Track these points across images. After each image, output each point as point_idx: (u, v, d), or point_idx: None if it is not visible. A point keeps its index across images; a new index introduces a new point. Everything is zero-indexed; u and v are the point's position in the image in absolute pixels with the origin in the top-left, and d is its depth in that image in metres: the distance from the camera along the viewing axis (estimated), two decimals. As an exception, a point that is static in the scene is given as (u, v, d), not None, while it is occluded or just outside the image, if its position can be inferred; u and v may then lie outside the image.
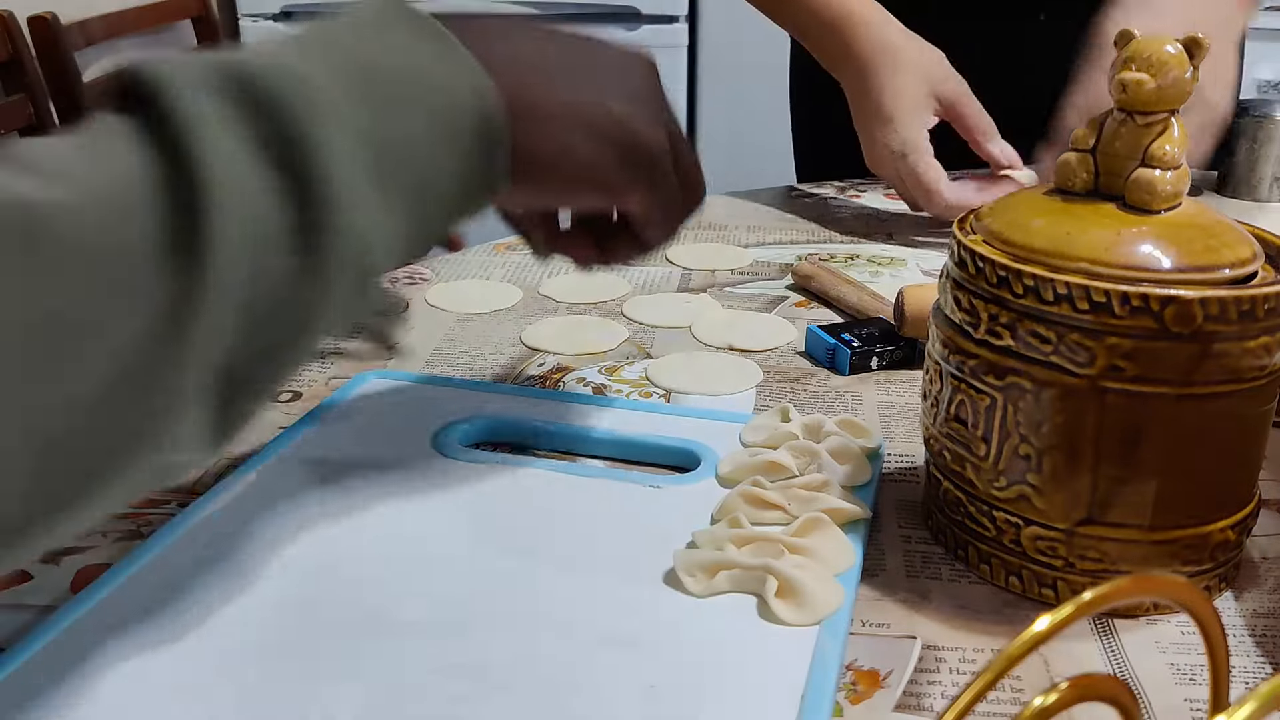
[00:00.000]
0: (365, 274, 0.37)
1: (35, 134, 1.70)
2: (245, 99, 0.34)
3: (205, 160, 0.32)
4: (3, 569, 0.30)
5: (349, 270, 0.36)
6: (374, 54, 0.38)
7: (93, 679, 0.38)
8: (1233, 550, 0.45)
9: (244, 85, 0.34)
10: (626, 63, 0.47)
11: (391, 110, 0.37)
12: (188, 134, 0.32)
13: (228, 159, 0.32)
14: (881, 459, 0.53)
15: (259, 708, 0.37)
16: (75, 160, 0.31)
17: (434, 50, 0.39)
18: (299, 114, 0.34)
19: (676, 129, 0.48)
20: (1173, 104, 0.42)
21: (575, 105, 0.43)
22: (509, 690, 0.38)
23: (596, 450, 0.55)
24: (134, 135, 0.32)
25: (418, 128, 0.38)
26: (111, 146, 0.32)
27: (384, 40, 0.39)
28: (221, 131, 0.33)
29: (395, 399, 0.58)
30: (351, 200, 0.35)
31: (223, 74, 0.34)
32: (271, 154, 0.34)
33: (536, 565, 0.45)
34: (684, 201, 0.50)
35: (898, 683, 0.40)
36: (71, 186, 0.30)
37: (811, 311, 0.74)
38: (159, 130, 0.32)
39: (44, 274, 0.29)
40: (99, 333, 0.30)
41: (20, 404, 0.29)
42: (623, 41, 0.47)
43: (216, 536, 0.46)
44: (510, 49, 0.42)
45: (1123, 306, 0.39)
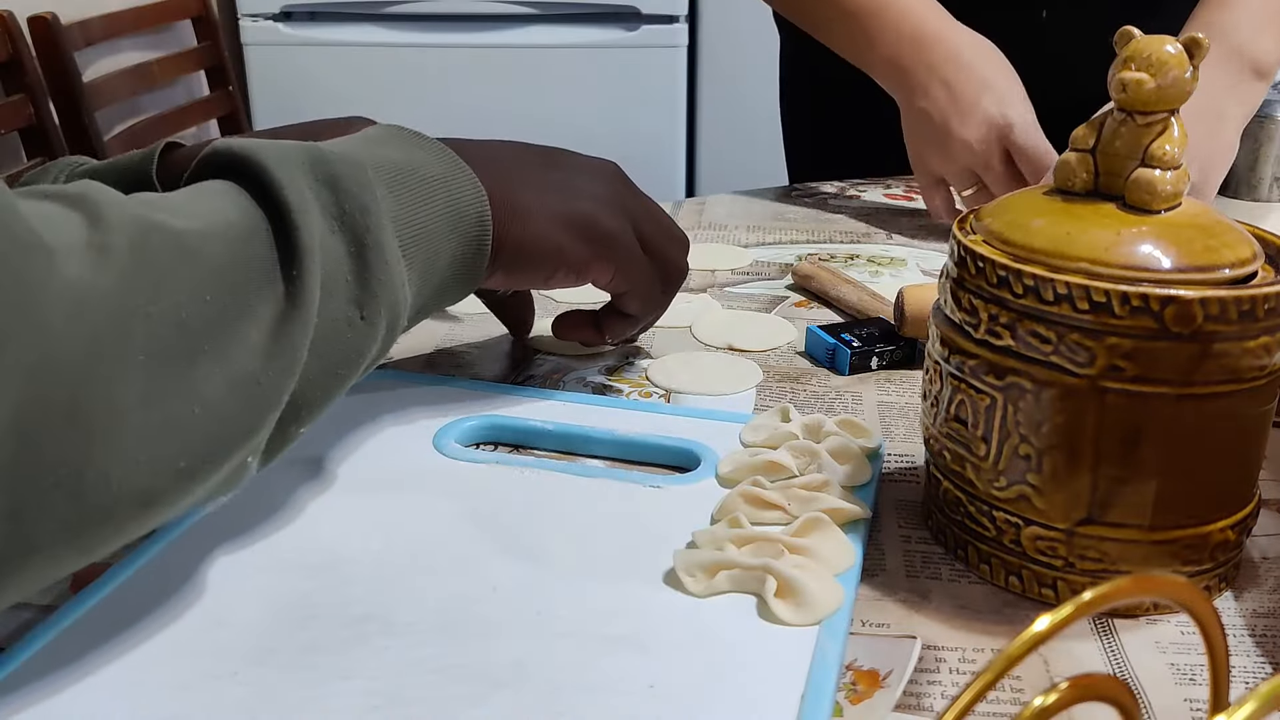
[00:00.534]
0: (395, 327, 0.45)
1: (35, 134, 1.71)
2: (321, 177, 0.42)
3: (295, 218, 0.40)
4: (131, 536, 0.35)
5: (386, 323, 0.44)
6: (400, 158, 0.47)
7: (93, 679, 0.38)
8: (1233, 550, 0.45)
9: (320, 167, 0.42)
10: (593, 167, 0.58)
11: (414, 202, 0.47)
12: (284, 196, 0.40)
13: (311, 220, 0.41)
14: (881, 459, 0.53)
15: (259, 708, 0.37)
16: (197, 207, 0.39)
17: (440, 160, 0.49)
18: (361, 192, 0.43)
19: (647, 215, 0.58)
20: (1173, 104, 0.42)
21: (545, 203, 0.53)
22: (509, 690, 0.38)
23: (596, 450, 0.55)
24: (240, 195, 0.40)
25: (431, 218, 0.47)
26: (226, 199, 0.40)
27: (403, 150, 0.48)
28: (308, 198, 0.41)
29: (395, 399, 0.58)
30: (394, 267, 0.44)
31: (304, 156, 0.42)
32: (340, 223, 0.42)
33: (536, 565, 0.45)
34: (662, 275, 0.59)
35: (898, 683, 0.40)
36: (201, 221, 0.38)
37: (811, 311, 0.74)
38: (260, 192, 0.40)
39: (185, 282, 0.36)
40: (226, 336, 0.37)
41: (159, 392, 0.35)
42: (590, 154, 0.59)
43: (216, 536, 0.46)
44: (494, 160, 0.52)
45: (1123, 306, 0.39)
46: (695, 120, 2.50)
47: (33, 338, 0.31)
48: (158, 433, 0.34)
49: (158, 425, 0.34)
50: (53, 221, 0.34)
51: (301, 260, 0.39)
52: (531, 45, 2.36)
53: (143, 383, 0.34)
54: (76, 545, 0.34)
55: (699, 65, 2.45)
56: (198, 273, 0.36)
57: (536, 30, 2.36)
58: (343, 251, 0.42)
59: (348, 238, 0.42)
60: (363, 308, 0.42)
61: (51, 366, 0.32)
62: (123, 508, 0.34)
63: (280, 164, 0.41)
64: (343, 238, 0.42)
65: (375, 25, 2.35)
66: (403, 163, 0.47)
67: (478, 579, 0.44)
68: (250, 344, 0.38)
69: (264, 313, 0.38)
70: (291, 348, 0.39)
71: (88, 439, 0.33)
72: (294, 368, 0.39)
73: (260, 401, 0.38)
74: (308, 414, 0.41)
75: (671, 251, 0.60)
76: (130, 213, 0.36)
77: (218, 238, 0.38)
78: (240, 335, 0.37)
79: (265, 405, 0.38)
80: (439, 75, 2.36)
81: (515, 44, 2.36)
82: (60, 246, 0.33)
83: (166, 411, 0.35)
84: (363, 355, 0.43)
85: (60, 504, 0.33)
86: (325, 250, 0.41)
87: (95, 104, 1.83)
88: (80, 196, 0.35)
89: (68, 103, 1.78)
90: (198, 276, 0.36)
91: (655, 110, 2.41)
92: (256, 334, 0.38)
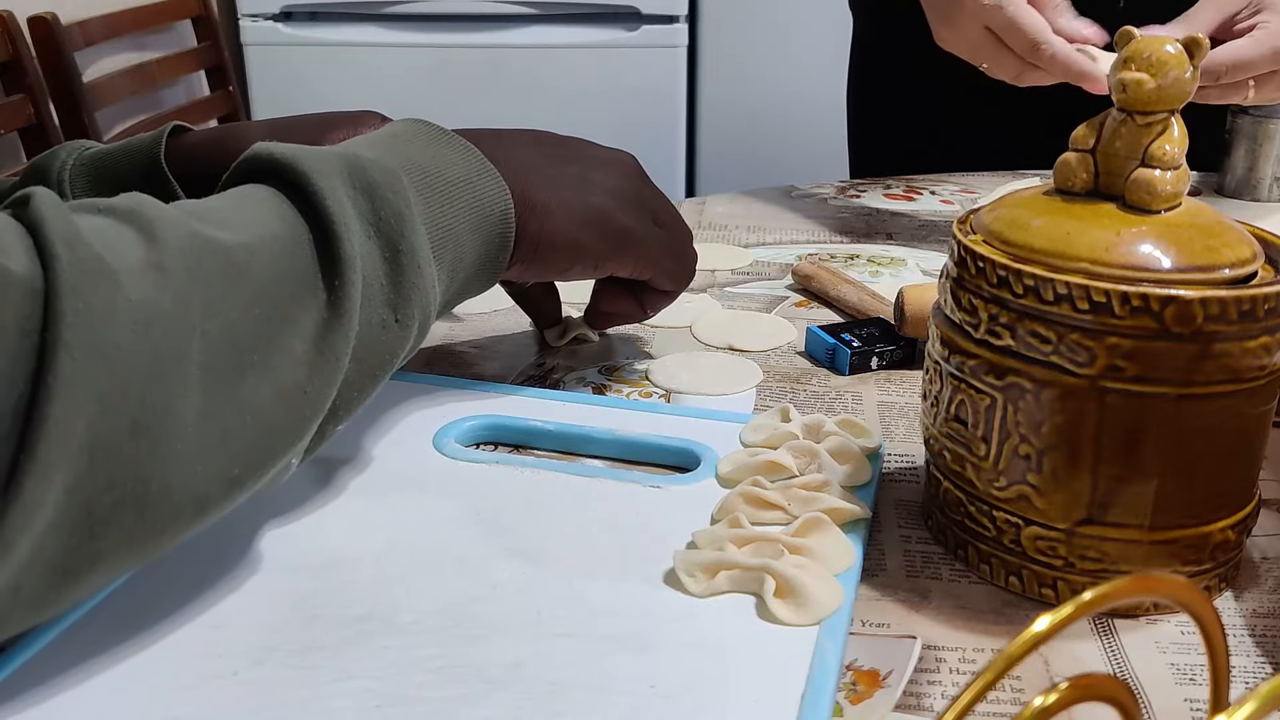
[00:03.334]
0: (425, 326, 0.47)
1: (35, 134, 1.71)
2: (358, 185, 0.43)
3: (337, 228, 0.41)
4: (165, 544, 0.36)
5: (418, 325, 0.45)
6: (426, 160, 0.49)
7: (92, 679, 0.38)
8: (1233, 550, 0.45)
9: (357, 174, 0.44)
10: (609, 159, 0.59)
11: (442, 204, 0.48)
12: (325, 204, 0.41)
13: (351, 228, 0.42)
14: (881, 459, 0.53)
15: (259, 708, 0.37)
16: (241, 217, 0.40)
17: (465, 160, 0.50)
18: (395, 199, 0.44)
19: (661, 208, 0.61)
20: (1173, 104, 0.42)
21: (563, 199, 0.55)
22: (509, 690, 0.38)
23: (596, 450, 0.55)
24: (282, 203, 0.41)
25: (458, 219, 0.49)
26: (269, 208, 0.41)
27: (430, 150, 0.49)
28: (346, 207, 0.42)
29: (395, 399, 0.58)
30: (425, 269, 0.45)
31: (341, 163, 0.43)
32: (377, 231, 0.43)
33: (536, 565, 0.45)
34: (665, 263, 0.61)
35: (898, 683, 0.40)
36: (248, 233, 0.39)
37: (811, 311, 0.74)
38: (303, 201, 0.41)
39: (236, 299, 0.37)
40: (273, 349, 0.38)
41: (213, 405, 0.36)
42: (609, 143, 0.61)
43: (216, 536, 0.46)
44: (515, 157, 0.53)
45: (1123, 306, 0.39)
46: (695, 120, 2.50)
47: (102, 361, 0.32)
48: (213, 444, 0.36)
49: (213, 437, 0.36)
50: (111, 241, 0.35)
51: (343, 270, 0.41)
52: (531, 45, 2.36)
53: (199, 397, 0.35)
54: (138, 553, 0.36)
55: (699, 65, 2.45)
56: (247, 289, 0.38)
57: (536, 30, 2.36)
58: (378, 257, 0.43)
59: (383, 244, 0.43)
60: (397, 310, 0.44)
61: (119, 387, 0.33)
62: (181, 516, 0.36)
63: (321, 173, 0.42)
64: (378, 243, 0.43)
65: (375, 25, 2.35)
66: (430, 164, 0.48)
67: (478, 579, 0.44)
68: (296, 354, 0.39)
69: (308, 323, 0.40)
70: (334, 355, 0.40)
71: (150, 453, 0.34)
72: (337, 375, 0.41)
73: (306, 409, 0.39)
74: (345, 414, 0.43)
75: (677, 244, 0.62)
76: (183, 229, 0.37)
77: (264, 251, 0.39)
78: (286, 346, 0.39)
79: (310, 412, 0.40)
80: (439, 75, 2.36)
81: (515, 44, 2.36)
82: (122, 268, 0.34)
83: (221, 424, 0.36)
84: (396, 355, 0.44)
85: (126, 516, 0.34)
86: (363, 257, 0.42)
87: (95, 104, 1.83)
88: (132, 212, 0.36)
89: (68, 103, 1.78)
90: (247, 292, 0.38)
91: (655, 110, 2.41)
92: (301, 344, 0.39)
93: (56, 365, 0.31)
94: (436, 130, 0.51)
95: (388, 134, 0.50)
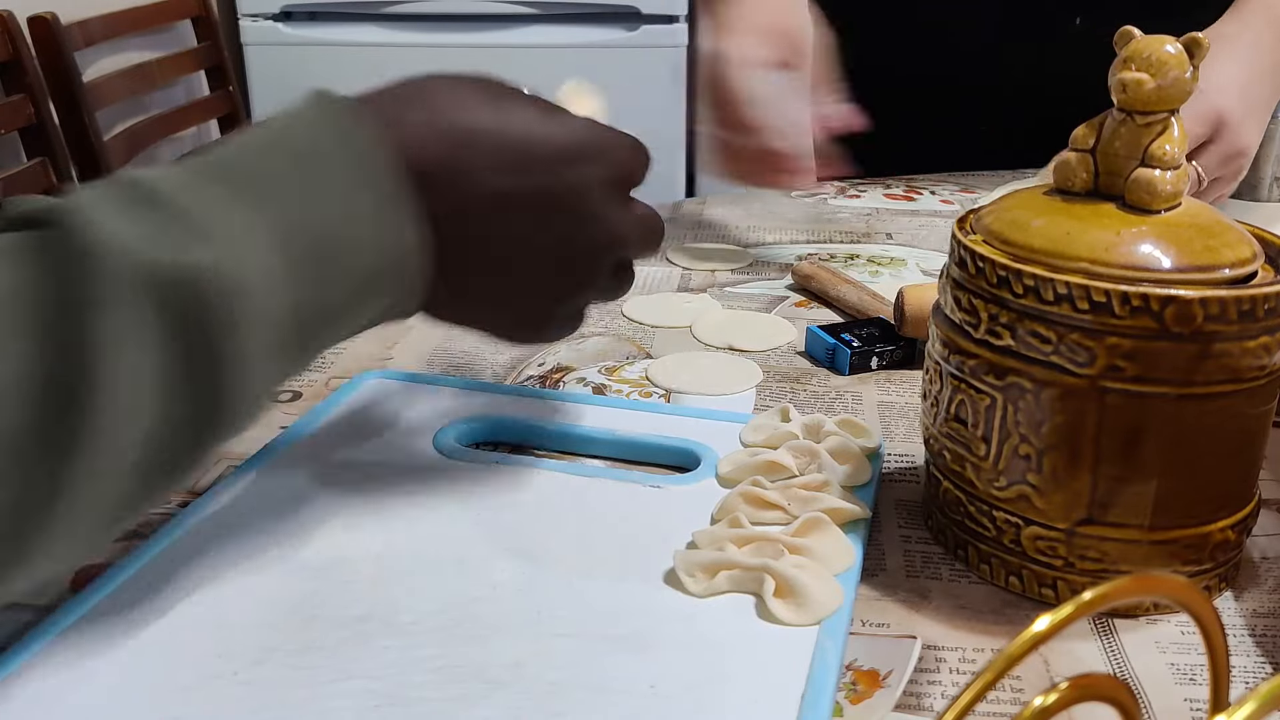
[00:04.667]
0: (251, 419, 0.38)
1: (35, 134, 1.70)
2: (169, 309, 0.33)
3: (102, 367, 0.31)
4: None
5: (236, 428, 0.37)
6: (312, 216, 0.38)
7: (92, 679, 0.38)
8: (1233, 550, 0.45)
9: (170, 292, 0.33)
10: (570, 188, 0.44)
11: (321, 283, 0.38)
12: (92, 337, 0.31)
13: (130, 370, 0.32)
14: (881, 459, 0.53)
15: (259, 707, 0.37)
16: None
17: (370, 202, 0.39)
18: (218, 331, 0.34)
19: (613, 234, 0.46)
20: (1173, 104, 0.42)
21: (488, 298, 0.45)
22: (509, 690, 0.38)
23: (596, 450, 0.55)
24: (35, 308, 0.31)
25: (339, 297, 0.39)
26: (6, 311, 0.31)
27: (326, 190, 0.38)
28: (134, 343, 0.32)
29: (395, 399, 0.58)
30: (258, 381, 0.36)
31: (152, 272, 0.33)
32: (188, 360, 0.34)
33: (536, 565, 0.45)
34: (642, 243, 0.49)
35: (898, 683, 0.40)
36: None
37: (811, 311, 0.74)
38: (61, 319, 0.31)
39: None
40: None
41: None
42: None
43: (217, 536, 0.46)
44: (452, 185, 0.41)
45: (1123, 306, 0.39)
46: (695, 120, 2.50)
47: None
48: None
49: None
50: None
51: (96, 417, 0.32)
52: (531, 45, 2.35)
53: None
54: None
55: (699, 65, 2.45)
56: None
57: (536, 30, 2.36)
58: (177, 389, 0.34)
59: (191, 375, 0.34)
60: (198, 435, 0.35)
61: None
62: None
63: (105, 300, 0.32)
64: (183, 380, 0.34)
65: (375, 25, 2.35)
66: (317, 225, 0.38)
67: (478, 579, 0.44)
68: None
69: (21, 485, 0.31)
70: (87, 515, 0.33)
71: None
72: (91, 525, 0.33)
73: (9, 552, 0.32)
74: (138, 509, 0.36)
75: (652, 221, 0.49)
76: None
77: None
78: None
79: (15, 556, 0.32)
80: (439, 75, 2.35)
81: (515, 44, 2.35)
82: None
83: None
84: (198, 463, 0.36)
85: None
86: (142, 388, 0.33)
87: (95, 104, 1.82)
88: None
89: (68, 103, 1.77)
90: None
91: (655, 110, 2.41)
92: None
93: None
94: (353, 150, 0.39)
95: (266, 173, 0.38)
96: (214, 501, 0.48)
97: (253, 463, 0.51)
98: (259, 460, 0.51)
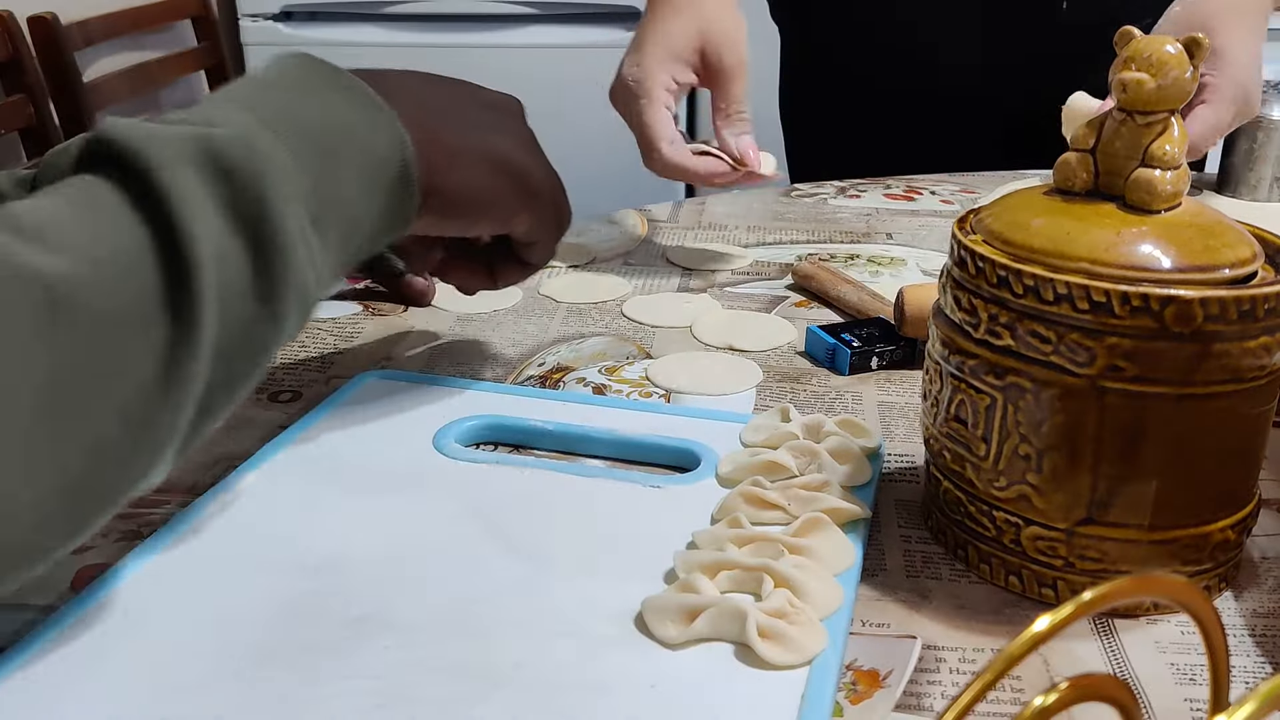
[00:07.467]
0: (306, 309, 0.42)
1: (35, 134, 1.71)
2: (214, 169, 0.38)
3: (187, 228, 0.36)
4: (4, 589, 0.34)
5: (296, 308, 0.41)
6: (313, 117, 0.43)
7: (93, 679, 0.38)
8: (1233, 550, 0.45)
9: (212, 157, 0.38)
10: (501, 103, 0.55)
11: (329, 169, 0.43)
12: (171, 205, 0.36)
13: (205, 224, 0.37)
14: (881, 459, 0.53)
15: (259, 708, 0.37)
16: (75, 230, 0.35)
17: (360, 109, 0.45)
18: (257, 182, 0.39)
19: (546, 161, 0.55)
20: (1173, 104, 0.42)
21: (471, 145, 0.50)
22: (509, 690, 0.38)
23: (596, 450, 0.55)
24: (122, 206, 0.36)
25: (349, 181, 0.44)
26: (104, 217, 0.36)
27: (320, 102, 0.44)
28: (199, 201, 0.37)
29: (395, 399, 0.58)
30: (299, 252, 0.40)
31: (195, 146, 0.38)
32: (237, 218, 0.38)
33: (536, 565, 0.45)
34: (557, 223, 0.56)
35: (898, 683, 0.40)
36: (77, 256, 0.34)
37: (811, 311, 0.74)
38: (146, 202, 0.36)
39: (65, 340, 0.33)
40: (110, 387, 0.34)
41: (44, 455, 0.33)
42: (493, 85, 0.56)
43: (216, 536, 0.46)
44: (412, 98, 0.48)
45: (1123, 306, 0.39)
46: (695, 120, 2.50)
47: None
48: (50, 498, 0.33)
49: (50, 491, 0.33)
50: None
51: (194, 279, 0.36)
52: (531, 45, 2.36)
53: (24, 452, 0.32)
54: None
55: (699, 65, 2.45)
56: (76, 327, 0.33)
57: (536, 30, 2.36)
58: (240, 249, 0.38)
59: (246, 234, 0.39)
60: (267, 302, 0.39)
61: None
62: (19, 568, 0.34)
63: (167, 163, 0.37)
64: (240, 237, 0.38)
65: (375, 25, 2.35)
66: (311, 119, 0.43)
67: (478, 579, 0.44)
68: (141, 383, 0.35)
69: (152, 347, 0.35)
70: (184, 378, 0.36)
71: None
72: (190, 393, 0.37)
73: (158, 437, 0.36)
74: (220, 410, 0.39)
75: (564, 200, 0.57)
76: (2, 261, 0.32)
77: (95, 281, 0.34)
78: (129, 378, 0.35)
79: (164, 439, 0.37)
80: (439, 75, 2.35)
81: (515, 44, 2.35)
82: None
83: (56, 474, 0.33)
84: (270, 346, 0.41)
85: None
86: (222, 257, 0.37)
87: (95, 104, 1.83)
88: None
89: (68, 103, 1.77)
90: (77, 331, 0.33)
91: (654, 110, 2.41)
92: (147, 370, 0.35)
93: None
94: (321, 71, 0.45)
95: (262, 83, 0.44)
96: (214, 502, 0.48)
97: (252, 463, 0.51)
98: (258, 460, 0.51)
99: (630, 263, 0.83)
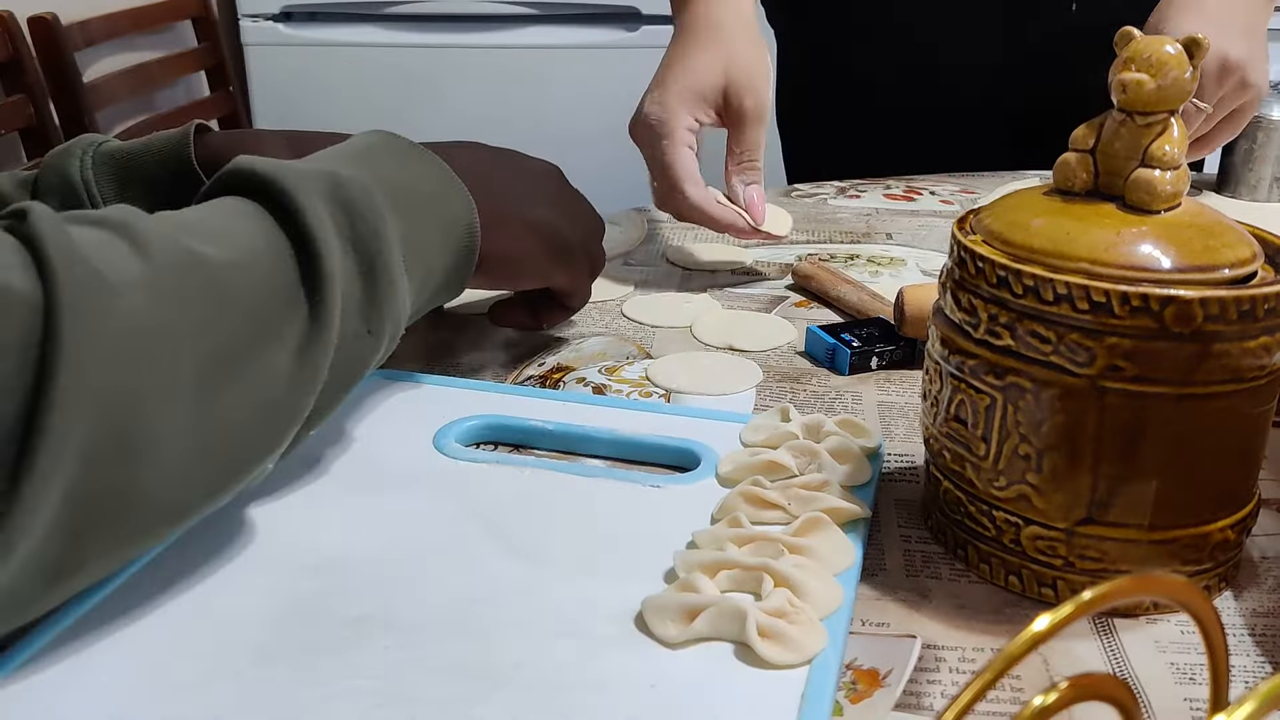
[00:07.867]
0: (394, 338, 0.48)
1: (35, 134, 1.70)
2: (338, 201, 0.44)
3: (318, 245, 0.42)
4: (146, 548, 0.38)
5: (389, 333, 0.47)
6: (402, 178, 0.50)
7: (93, 679, 0.38)
8: (1233, 550, 0.45)
9: (336, 191, 0.44)
10: (542, 172, 0.63)
11: (414, 219, 0.49)
12: (307, 221, 0.42)
13: (331, 243, 0.43)
14: (881, 459, 0.53)
15: (259, 708, 0.37)
16: (229, 230, 0.41)
17: (438, 178, 0.52)
18: (372, 217, 0.45)
19: (586, 216, 0.64)
20: (1173, 104, 0.42)
21: (513, 214, 0.57)
22: (509, 690, 0.38)
23: (596, 450, 0.55)
24: (266, 218, 0.42)
25: (428, 233, 0.51)
26: (251, 225, 0.42)
27: (402, 165, 0.51)
28: (327, 224, 0.43)
29: (395, 399, 0.58)
30: (399, 285, 0.46)
31: (322, 181, 0.44)
32: (355, 245, 0.44)
33: (536, 565, 0.45)
34: (590, 273, 0.65)
35: (898, 682, 0.40)
36: (234, 250, 0.40)
37: (811, 311, 0.74)
38: (285, 216, 0.42)
39: (224, 316, 0.38)
40: (255, 367, 0.39)
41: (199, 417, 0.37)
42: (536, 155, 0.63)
43: (216, 536, 0.46)
44: (472, 169, 0.54)
45: (1123, 306, 0.39)
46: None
47: (98, 375, 0.34)
48: (198, 456, 0.37)
49: (198, 449, 0.37)
50: (106, 256, 0.36)
51: (323, 285, 0.42)
52: (531, 45, 2.35)
53: (186, 410, 0.36)
54: (120, 556, 0.37)
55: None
56: (233, 306, 0.39)
57: (536, 30, 2.36)
58: (355, 272, 0.44)
59: (359, 259, 0.44)
60: (370, 323, 0.45)
61: (113, 399, 0.34)
62: (164, 522, 0.38)
63: (301, 190, 0.43)
64: (355, 259, 0.44)
65: (375, 25, 2.35)
66: (402, 180, 0.50)
67: (478, 579, 0.44)
68: (278, 369, 0.40)
69: (290, 338, 0.41)
70: (314, 368, 0.42)
71: (138, 464, 0.35)
72: (315, 385, 0.42)
73: (284, 420, 0.41)
74: (319, 420, 0.44)
75: (600, 250, 0.66)
76: (172, 245, 0.38)
77: (250, 269, 0.40)
78: (270, 362, 0.40)
79: (288, 423, 0.41)
80: (439, 75, 2.35)
81: (515, 44, 2.35)
82: (119, 284, 0.35)
83: (206, 436, 0.37)
84: (368, 364, 0.46)
85: (113, 523, 0.36)
86: (341, 272, 0.43)
87: (95, 104, 1.83)
88: (125, 226, 0.38)
89: (68, 103, 1.78)
90: (233, 310, 0.39)
91: (655, 110, 2.41)
92: (283, 359, 0.40)
93: (57, 378, 0.32)
94: (405, 144, 0.53)
95: (362, 147, 0.51)
96: (214, 501, 0.48)
97: (253, 463, 0.51)
98: (259, 460, 0.51)
99: (630, 263, 0.83)
